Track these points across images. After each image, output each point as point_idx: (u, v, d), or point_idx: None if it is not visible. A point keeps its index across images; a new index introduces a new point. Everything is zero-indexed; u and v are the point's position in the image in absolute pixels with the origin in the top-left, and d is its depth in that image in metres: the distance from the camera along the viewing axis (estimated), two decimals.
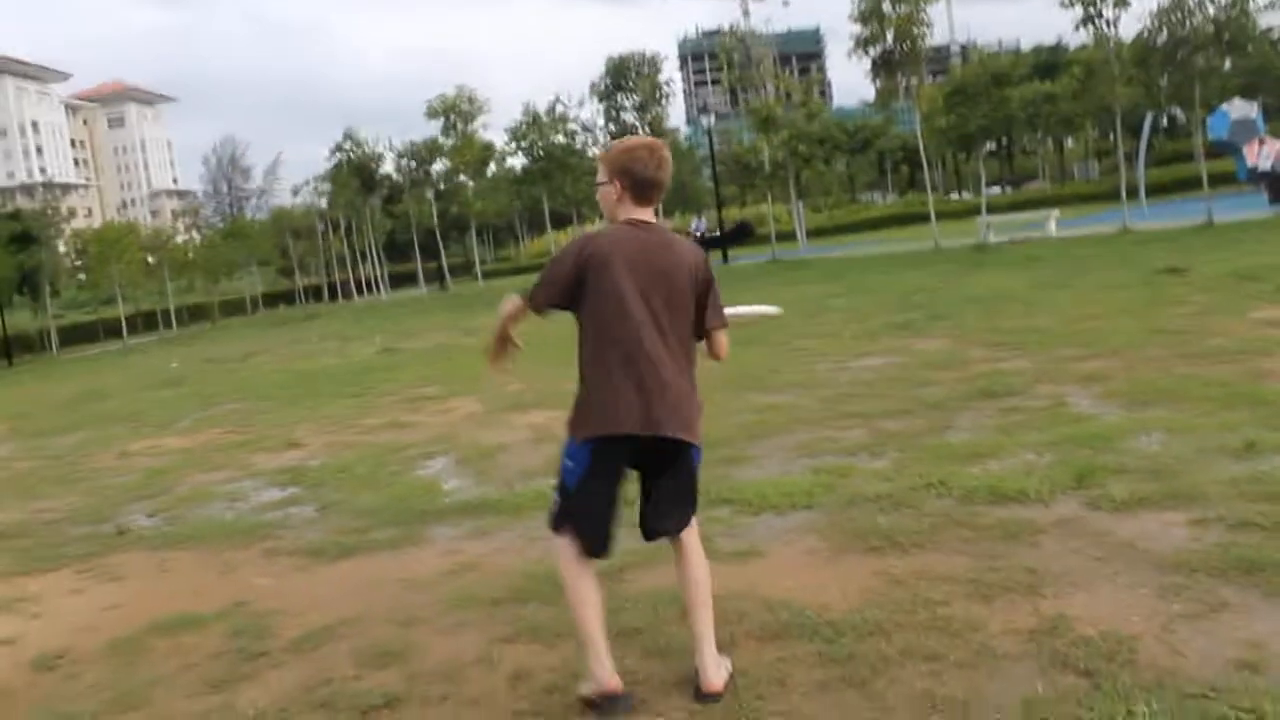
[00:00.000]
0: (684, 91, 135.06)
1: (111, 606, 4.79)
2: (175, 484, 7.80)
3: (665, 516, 3.18)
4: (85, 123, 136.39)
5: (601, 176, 3.19)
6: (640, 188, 3.13)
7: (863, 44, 29.02)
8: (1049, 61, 56.15)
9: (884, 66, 29.84)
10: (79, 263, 49.61)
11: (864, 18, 28.40)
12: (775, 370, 9.55)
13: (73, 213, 58.33)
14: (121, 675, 3.87)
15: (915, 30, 27.92)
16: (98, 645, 4.24)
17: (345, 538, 5.50)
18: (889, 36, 28.42)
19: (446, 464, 7.34)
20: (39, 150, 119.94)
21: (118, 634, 4.34)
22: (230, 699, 3.52)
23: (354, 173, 47.76)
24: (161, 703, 3.59)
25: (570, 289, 3.05)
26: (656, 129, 38.88)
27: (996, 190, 53.62)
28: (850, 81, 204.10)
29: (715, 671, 3.07)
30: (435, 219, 45.47)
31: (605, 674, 3.04)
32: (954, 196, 60.18)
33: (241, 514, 6.53)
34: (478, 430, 8.46)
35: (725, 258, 35.15)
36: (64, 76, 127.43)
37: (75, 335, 49.51)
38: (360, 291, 56.27)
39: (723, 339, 3.23)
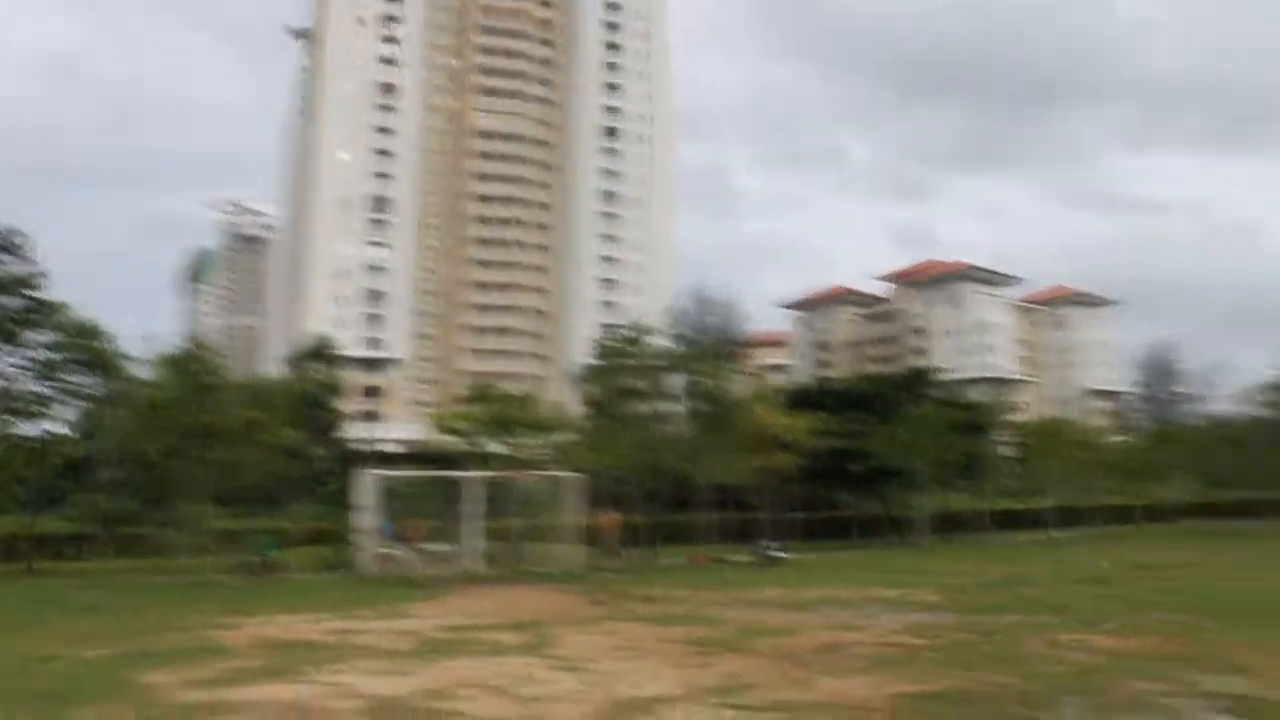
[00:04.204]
0: None
1: None
2: (1108, 685, 7.56)
3: None
4: (1031, 323, 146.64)
5: None
6: None
7: None
8: None
9: None
10: (1013, 454, 52.45)
11: None
12: None
13: (1013, 407, 62.40)
14: None
15: None
16: None
17: None
18: None
19: None
20: (988, 348, 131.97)
21: None
22: None
23: None
24: None
25: None
26: None
27: None
28: None
29: None
30: None
31: None
32: None
33: None
34: None
35: None
36: (1015, 281, 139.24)
37: (1003, 520, 52.18)
38: None
39: None
